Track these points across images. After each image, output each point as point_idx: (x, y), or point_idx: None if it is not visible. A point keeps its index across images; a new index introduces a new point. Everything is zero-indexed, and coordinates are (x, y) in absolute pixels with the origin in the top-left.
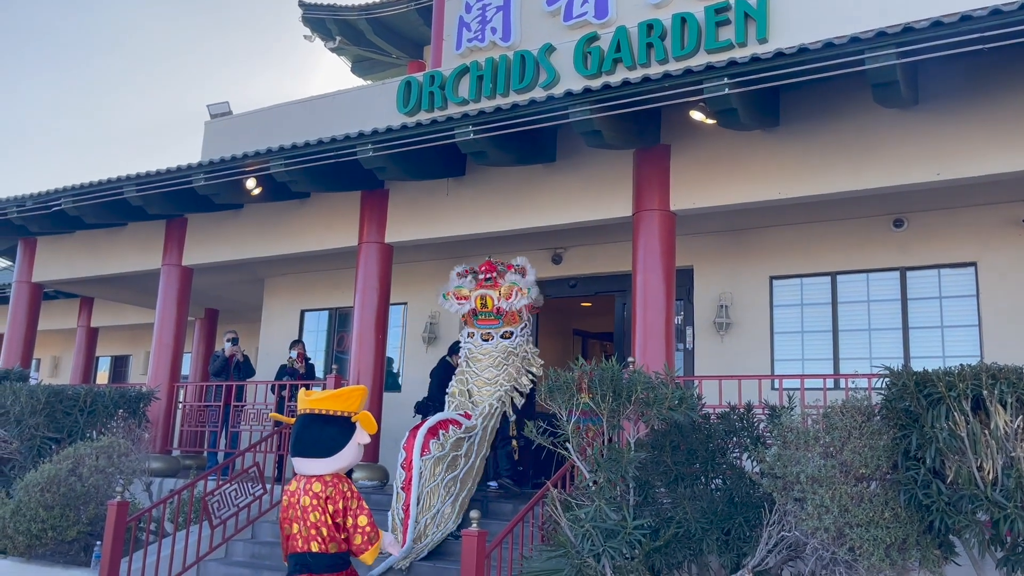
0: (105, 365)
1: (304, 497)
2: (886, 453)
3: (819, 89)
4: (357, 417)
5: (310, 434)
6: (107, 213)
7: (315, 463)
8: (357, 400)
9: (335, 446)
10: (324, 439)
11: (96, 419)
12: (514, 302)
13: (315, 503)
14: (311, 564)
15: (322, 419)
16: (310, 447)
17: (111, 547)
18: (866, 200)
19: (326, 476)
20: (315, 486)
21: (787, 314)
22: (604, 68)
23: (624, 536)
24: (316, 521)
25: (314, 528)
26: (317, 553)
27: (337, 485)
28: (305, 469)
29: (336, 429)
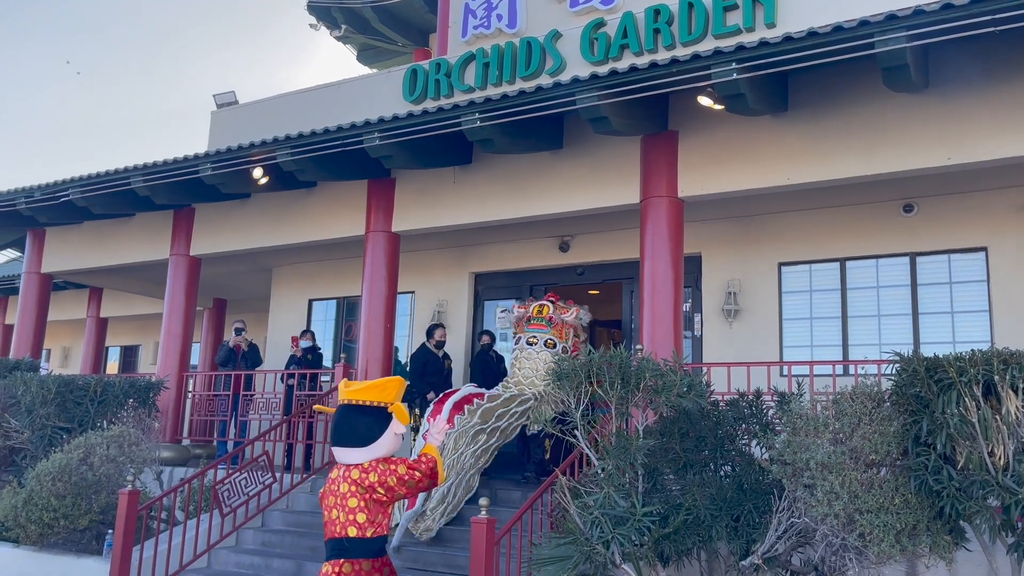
0: (115, 355)
1: (343, 484)
2: (896, 439)
3: (828, 73)
4: (393, 408)
5: (347, 424)
6: (115, 203)
7: (353, 452)
8: (394, 391)
9: (371, 435)
10: (361, 428)
11: (106, 409)
12: (567, 316)
13: (353, 489)
14: (348, 548)
15: (359, 409)
16: (347, 436)
17: (123, 535)
18: (876, 185)
19: (364, 464)
20: (353, 473)
21: (796, 300)
22: (611, 54)
23: (633, 523)
24: (354, 507)
25: (352, 514)
26: (354, 538)
27: (374, 469)
28: (344, 458)
29: (372, 419)
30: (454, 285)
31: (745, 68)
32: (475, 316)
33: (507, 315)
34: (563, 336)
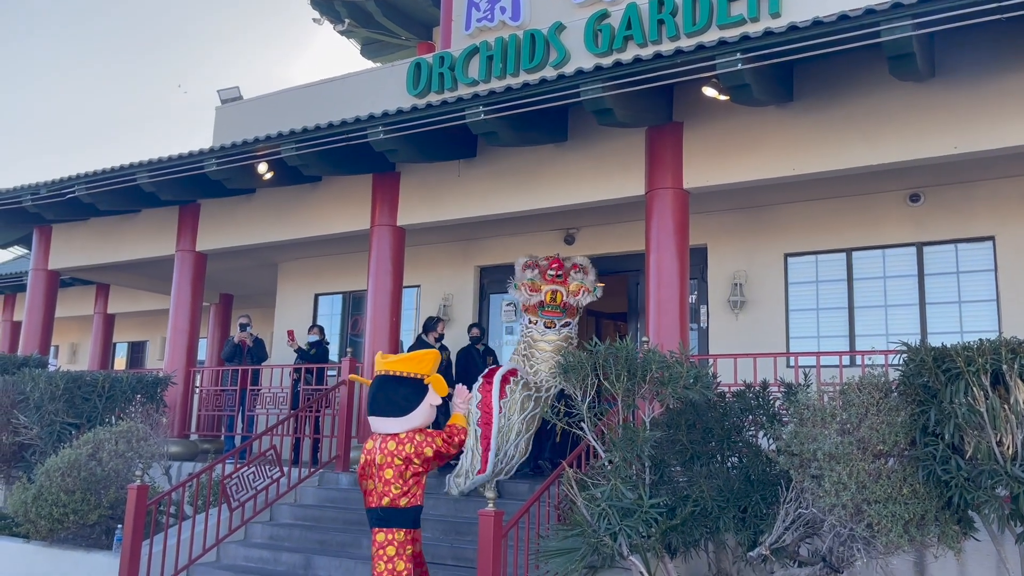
0: (122, 351)
1: (379, 455)
2: (904, 429)
3: (834, 63)
4: (429, 379)
5: (385, 394)
6: (120, 200)
7: (390, 422)
8: (430, 363)
9: (408, 406)
10: (398, 399)
11: (114, 404)
12: (581, 300)
13: (388, 460)
14: (384, 518)
15: (396, 380)
16: (385, 407)
17: (132, 530)
18: (882, 175)
19: (400, 435)
20: (390, 444)
21: (802, 291)
22: (615, 46)
23: (640, 515)
24: (390, 478)
25: (388, 484)
26: (389, 508)
27: (411, 440)
28: (380, 428)
29: (409, 390)
30: (459, 279)
31: (750, 58)
32: (481, 309)
33: (512, 308)
34: (575, 313)
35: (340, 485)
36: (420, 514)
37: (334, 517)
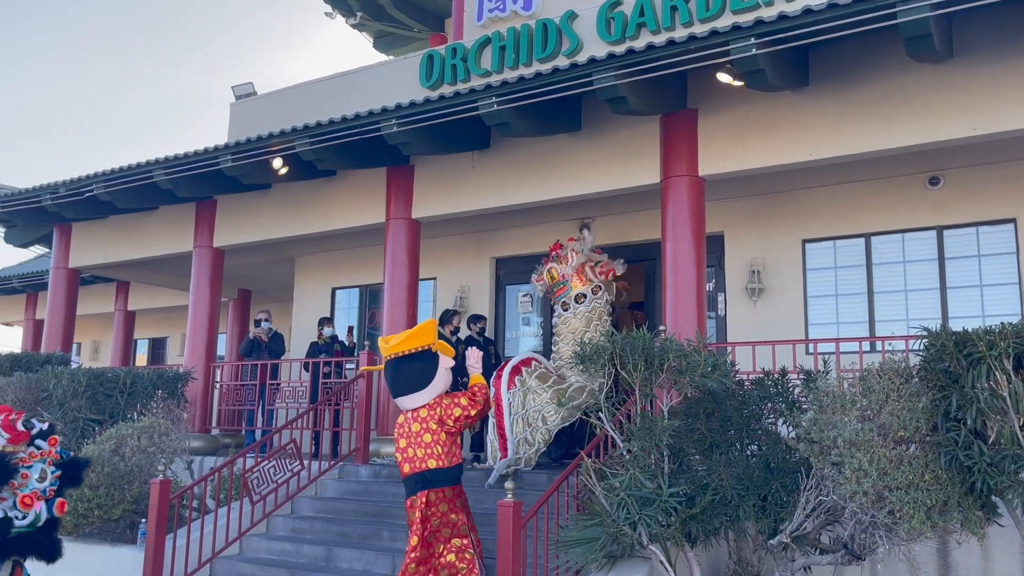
0: (143, 347)
1: (414, 424)
2: (925, 415)
3: (849, 46)
4: (436, 347)
5: (402, 375)
6: (138, 197)
7: (415, 397)
8: (431, 332)
9: (426, 378)
10: (414, 375)
11: (136, 400)
12: (572, 263)
13: (425, 427)
14: (431, 479)
15: (407, 359)
16: (406, 386)
17: (156, 524)
18: (900, 159)
19: (430, 402)
20: (422, 412)
21: (820, 277)
22: (628, 33)
23: (659, 504)
24: (431, 441)
25: (430, 448)
26: (436, 469)
27: (438, 404)
28: (409, 404)
29: (422, 363)
30: (475, 270)
31: (764, 43)
32: (497, 301)
33: (528, 299)
34: (584, 281)
35: (360, 478)
36: (461, 472)
37: (355, 509)
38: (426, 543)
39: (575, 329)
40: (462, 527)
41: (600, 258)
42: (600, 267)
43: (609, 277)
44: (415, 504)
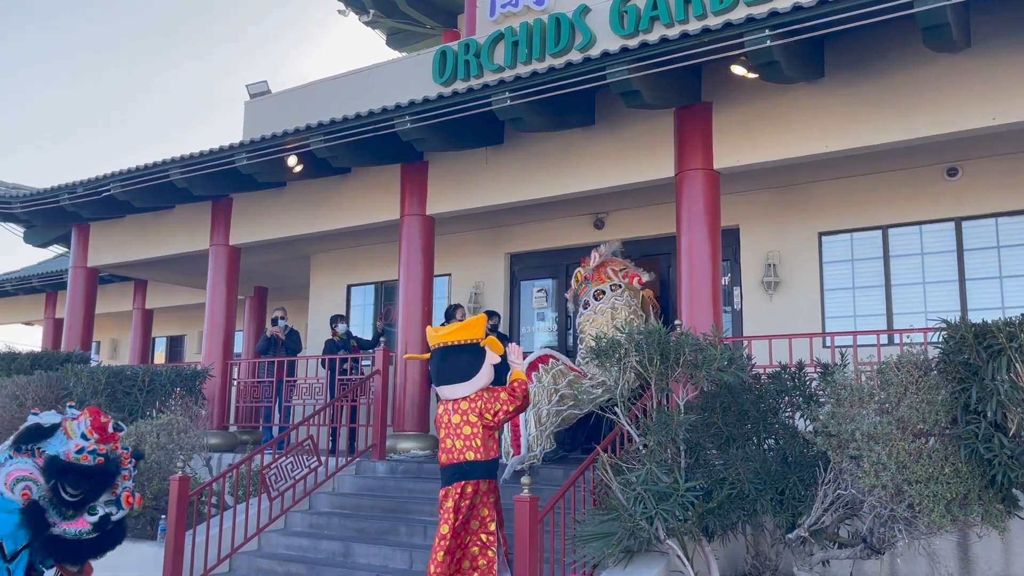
0: (161, 345)
1: (454, 416)
2: (945, 408)
3: (865, 36)
4: (485, 342)
5: (449, 364)
6: (154, 196)
7: (457, 388)
8: (481, 327)
9: (472, 370)
10: (461, 366)
11: (155, 398)
12: (592, 263)
13: (464, 418)
14: (467, 471)
15: (456, 349)
16: (451, 375)
17: (175, 520)
18: (918, 150)
19: (471, 395)
20: (462, 404)
21: (837, 270)
22: (641, 27)
23: (676, 498)
24: (470, 434)
25: (469, 440)
26: (473, 461)
27: (480, 397)
28: (450, 394)
29: (469, 355)
30: (490, 266)
31: (779, 35)
32: (511, 296)
33: (544, 294)
34: (603, 278)
35: (377, 473)
36: (497, 466)
37: (372, 505)
38: (456, 533)
39: (598, 324)
40: (490, 522)
41: (625, 263)
42: (624, 273)
43: (633, 282)
44: (449, 494)
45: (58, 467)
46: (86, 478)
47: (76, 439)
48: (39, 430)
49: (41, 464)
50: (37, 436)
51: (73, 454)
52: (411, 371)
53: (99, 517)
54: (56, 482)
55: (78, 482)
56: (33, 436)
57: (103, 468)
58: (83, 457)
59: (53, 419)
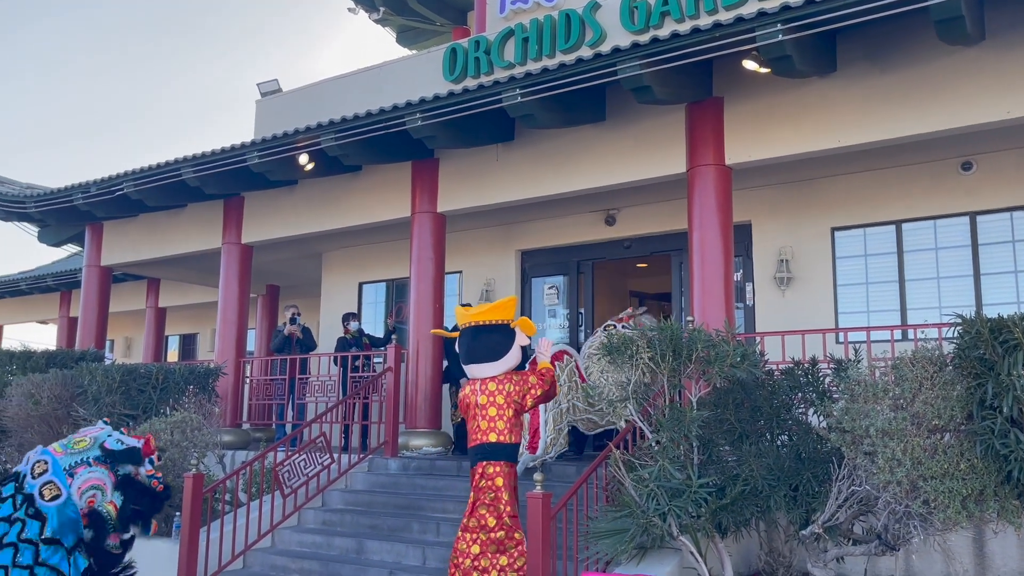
0: (174, 344)
1: (481, 396)
2: (960, 403)
3: (878, 30)
4: (516, 323)
5: (479, 343)
6: (167, 195)
7: (487, 367)
8: (512, 308)
9: (501, 350)
10: (491, 345)
11: (168, 395)
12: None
13: (491, 399)
14: (489, 452)
15: (487, 329)
16: (481, 354)
17: (190, 517)
18: (932, 144)
19: (499, 375)
20: (490, 385)
21: (850, 266)
22: (652, 22)
23: (689, 495)
24: (495, 415)
25: (493, 421)
26: (495, 443)
27: (509, 379)
28: (479, 373)
29: (500, 335)
30: (501, 263)
31: (791, 28)
32: (523, 293)
33: (555, 291)
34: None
35: (389, 470)
36: (517, 451)
37: (384, 502)
38: (474, 509)
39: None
40: (502, 505)
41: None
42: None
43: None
44: (473, 473)
45: (134, 487)
46: (148, 498)
47: (146, 464)
48: (131, 452)
49: (114, 480)
50: (123, 458)
51: (144, 476)
52: (423, 368)
53: (130, 536)
54: (125, 498)
55: (140, 501)
56: (121, 457)
57: (165, 493)
58: (154, 483)
59: (133, 443)
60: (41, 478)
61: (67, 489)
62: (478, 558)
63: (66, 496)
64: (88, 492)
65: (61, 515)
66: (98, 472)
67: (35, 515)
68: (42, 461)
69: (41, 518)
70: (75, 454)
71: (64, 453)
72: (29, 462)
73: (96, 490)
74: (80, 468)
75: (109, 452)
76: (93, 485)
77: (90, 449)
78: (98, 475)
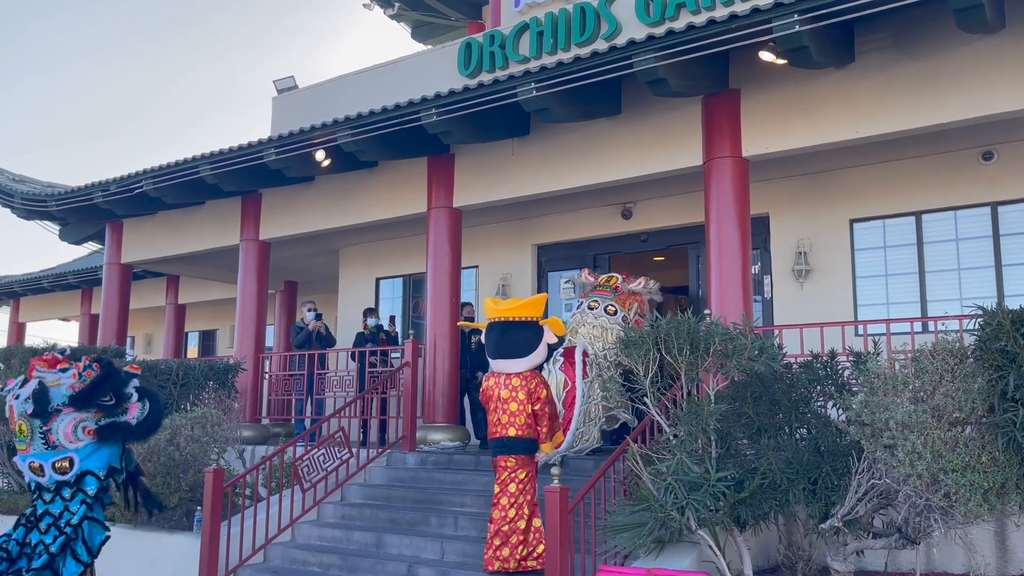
0: (194, 340)
1: (503, 391)
2: (981, 396)
3: (896, 19)
4: (545, 321)
5: (508, 338)
6: (185, 193)
7: (514, 363)
8: (541, 306)
9: (529, 347)
10: (520, 341)
11: (189, 391)
12: (634, 285)
13: (513, 395)
14: (508, 446)
15: (516, 325)
16: (508, 349)
17: (211, 511)
18: (951, 134)
19: (524, 372)
20: (514, 380)
21: (870, 258)
22: (667, 14)
23: (707, 488)
24: (515, 411)
25: (514, 416)
26: (514, 438)
27: (534, 378)
28: (505, 368)
29: (529, 332)
30: (517, 258)
31: (808, 19)
32: (539, 288)
33: (571, 285)
34: (625, 306)
35: (407, 465)
36: (536, 447)
37: (403, 496)
38: (497, 499)
39: (594, 333)
40: (520, 493)
41: (645, 311)
42: (636, 315)
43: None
44: (496, 465)
45: (82, 397)
46: (101, 387)
47: (64, 379)
48: (44, 393)
49: (72, 408)
50: (45, 399)
51: (79, 385)
52: (440, 363)
53: (135, 391)
54: (94, 404)
55: (100, 393)
56: (43, 399)
57: (102, 374)
58: (83, 382)
59: (33, 384)
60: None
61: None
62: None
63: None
64: (79, 427)
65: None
66: (65, 417)
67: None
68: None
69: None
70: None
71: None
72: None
73: (83, 422)
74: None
75: (38, 410)
76: (77, 423)
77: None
78: (65, 418)
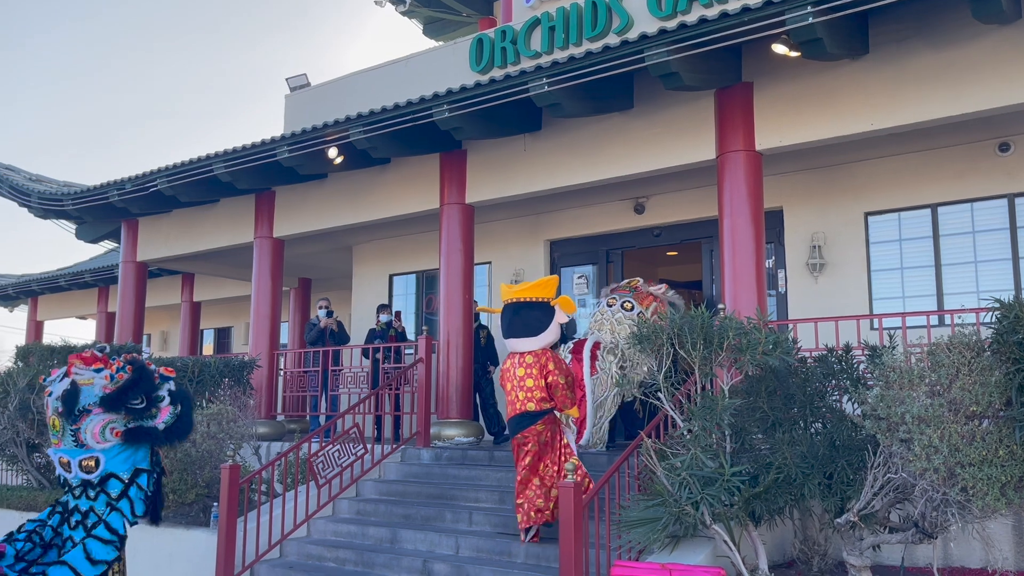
0: (209, 337)
1: (519, 369)
2: (999, 389)
3: (911, 10)
4: (556, 301)
5: (520, 318)
6: (199, 191)
7: (526, 341)
8: (553, 287)
9: (541, 326)
10: (532, 321)
11: (204, 388)
12: (654, 288)
13: (528, 372)
14: (529, 419)
15: (528, 305)
16: (521, 329)
17: (227, 507)
18: (967, 125)
19: (537, 350)
20: (528, 358)
21: (885, 251)
22: (679, 8)
23: (722, 483)
24: (532, 386)
25: (531, 392)
26: (533, 411)
27: (546, 353)
28: (519, 347)
29: (540, 312)
30: (530, 253)
31: (821, 11)
32: None
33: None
34: (643, 304)
35: (422, 460)
36: (552, 414)
37: (417, 492)
38: (533, 468)
39: (612, 328)
40: (559, 448)
41: (660, 312)
42: (654, 312)
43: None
44: (518, 442)
45: (112, 399)
46: (132, 391)
47: (98, 380)
48: (74, 394)
49: (102, 410)
50: (74, 400)
51: (110, 387)
52: (454, 359)
53: (166, 394)
54: (123, 408)
55: (130, 396)
56: (72, 400)
57: (133, 378)
58: (115, 384)
59: (65, 384)
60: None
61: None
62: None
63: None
64: (107, 429)
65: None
66: (94, 418)
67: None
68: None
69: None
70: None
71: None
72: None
73: (111, 424)
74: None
75: (68, 410)
76: (104, 424)
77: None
78: (95, 419)
